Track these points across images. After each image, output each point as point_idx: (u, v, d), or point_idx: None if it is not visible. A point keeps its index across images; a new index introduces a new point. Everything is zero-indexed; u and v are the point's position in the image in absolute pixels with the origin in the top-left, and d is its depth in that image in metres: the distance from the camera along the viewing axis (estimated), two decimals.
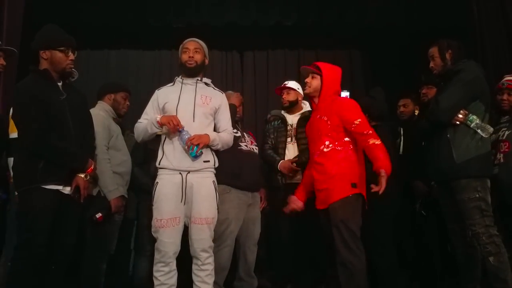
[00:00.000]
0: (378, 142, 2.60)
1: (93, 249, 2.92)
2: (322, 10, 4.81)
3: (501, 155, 2.93)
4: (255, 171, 3.18)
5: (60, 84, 2.51)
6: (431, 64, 2.84)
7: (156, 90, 2.79)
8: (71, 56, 2.51)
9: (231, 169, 2.98)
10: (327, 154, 2.69)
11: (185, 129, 2.53)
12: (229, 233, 3.04)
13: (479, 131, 2.64)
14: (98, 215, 2.78)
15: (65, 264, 2.54)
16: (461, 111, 2.65)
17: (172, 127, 2.51)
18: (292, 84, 3.55)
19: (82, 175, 2.47)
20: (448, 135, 2.68)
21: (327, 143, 2.70)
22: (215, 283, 3.03)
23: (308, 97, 2.96)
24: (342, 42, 5.39)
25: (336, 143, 2.70)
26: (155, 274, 2.58)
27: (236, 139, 3.18)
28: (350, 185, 2.62)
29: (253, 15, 4.78)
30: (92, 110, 3.04)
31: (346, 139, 2.72)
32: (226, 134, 2.75)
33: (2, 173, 3.00)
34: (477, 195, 2.59)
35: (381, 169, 2.50)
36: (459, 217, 2.70)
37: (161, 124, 2.57)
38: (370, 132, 2.65)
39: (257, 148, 3.33)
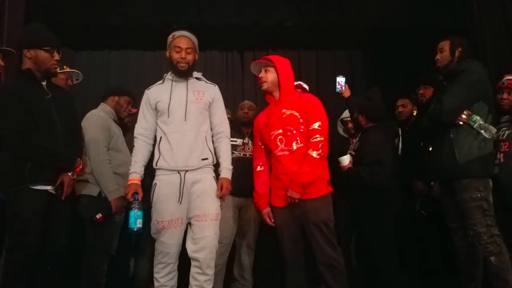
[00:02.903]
0: (314, 153, 2.57)
1: (94, 249, 2.92)
2: (322, 10, 4.81)
3: (501, 155, 2.93)
4: (246, 177, 3.14)
5: (44, 83, 2.49)
6: (438, 56, 2.85)
7: (146, 90, 2.71)
8: (56, 56, 2.48)
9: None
10: (300, 151, 2.61)
11: (137, 197, 2.50)
12: (220, 233, 3.11)
13: (482, 131, 2.65)
14: (99, 215, 2.79)
15: (59, 264, 2.54)
16: (465, 112, 2.65)
17: (128, 198, 2.51)
18: (305, 85, 3.57)
19: (69, 173, 2.48)
20: (451, 135, 2.68)
21: (298, 138, 2.62)
22: None
23: (265, 92, 2.79)
24: (342, 42, 5.39)
25: (305, 140, 2.61)
26: (155, 275, 2.52)
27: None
28: (326, 182, 2.63)
29: (253, 16, 4.78)
30: (92, 112, 3.09)
31: None
32: (225, 145, 2.68)
33: None
34: (479, 194, 2.60)
35: (290, 190, 2.54)
36: (461, 217, 2.71)
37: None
38: (316, 139, 2.58)
39: None
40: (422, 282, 3.46)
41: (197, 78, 2.72)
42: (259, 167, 2.83)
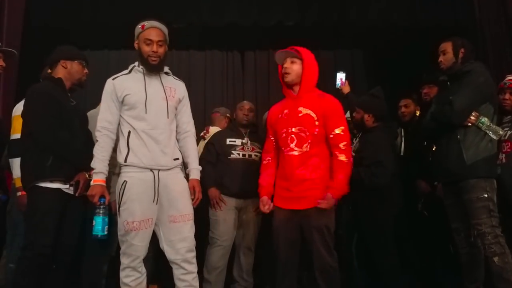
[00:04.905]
0: (346, 160, 2.52)
1: (94, 250, 2.92)
2: (323, 9, 4.80)
3: (503, 155, 2.92)
4: (245, 178, 3.17)
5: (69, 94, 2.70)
6: (440, 59, 2.84)
7: (110, 80, 2.48)
8: (86, 70, 2.76)
9: (215, 176, 3.15)
10: (308, 154, 2.54)
11: (103, 201, 2.36)
12: (220, 234, 3.18)
13: (490, 133, 2.67)
14: None
15: (66, 264, 2.59)
16: (473, 113, 2.67)
17: (94, 202, 2.34)
18: None
19: (86, 174, 2.56)
20: (458, 136, 2.69)
21: (309, 141, 2.54)
22: (207, 281, 3.09)
23: (284, 85, 2.67)
24: (343, 42, 5.39)
25: (316, 143, 2.55)
26: (124, 280, 2.37)
27: (229, 148, 3.22)
28: None
29: (254, 15, 4.77)
30: (93, 111, 3.09)
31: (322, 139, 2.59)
32: (193, 144, 2.61)
33: (1, 174, 3.01)
34: (486, 195, 2.61)
35: (329, 194, 2.46)
36: (464, 217, 2.71)
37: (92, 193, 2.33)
38: (344, 146, 2.53)
39: (257, 155, 3.33)
40: (422, 282, 3.45)
41: (166, 73, 2.57)
42: (267, 159, 2.77)
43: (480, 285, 2.81)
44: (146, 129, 2.39)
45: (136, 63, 2.52)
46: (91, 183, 2.36)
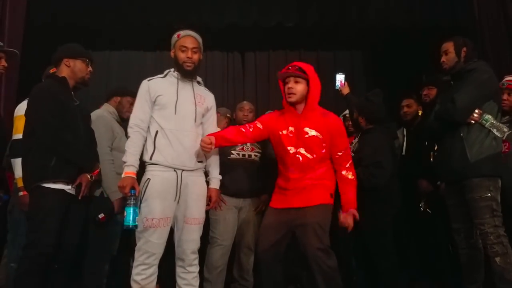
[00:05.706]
0: (352, 176, 2.62)
1: (96, 249, 2.93)
2: (323, 10, 4.81)
3: (502, 155, 2.91)
4: (244, 178, 3.21)
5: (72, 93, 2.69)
6: (443, 59, 2.83)
7: (146, 81, 2.60)
8: (90, 68, 2.73)
9: None
10: (314, 172, 2.61)
11: (134, 193, 2.40)
12: (220, 233, 3.19)
13: (494, 130, 2.65)
14: (101, 215, 2.79)
15: (68, 263, 2.60)
16: (476, 110, 2.65)
17: (124, 193, 2.41)
18: None
19: (88, 175, 2.56)
20: (461, 134, 2.67)
21: (317, 160, 2.61)
22: (208, 280, 3.09)
23: (289, 103, 2.63)
24: (343, 42, 5.40)
25: (323, 159, 2.64)
26: (135, 277, 2.42)
27: (229, 148, 3.24)
28: (330, 195, 2.61)
29: (254, 16, 4.78)
30: (96, 112, 3.11)
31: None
32: (216, 155, 2.72)
33: (2, 174, 3.02)
34: (489, 194, 2.59)
35: (351, 209, 2.57)
36: (466, 217, 2.70)
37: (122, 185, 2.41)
38: (350, 164, 2.66)
39: (257, 155, 3.34)
40: (422, 282, 3.46)
41: (198, 82, 2.72)
42: (245, 128, 2.69)
43: (480, 285, 2.79)
44: (174, 129, 2.51)
45: (172, 69, 2.67)
46: (122, 175, 2.43)
